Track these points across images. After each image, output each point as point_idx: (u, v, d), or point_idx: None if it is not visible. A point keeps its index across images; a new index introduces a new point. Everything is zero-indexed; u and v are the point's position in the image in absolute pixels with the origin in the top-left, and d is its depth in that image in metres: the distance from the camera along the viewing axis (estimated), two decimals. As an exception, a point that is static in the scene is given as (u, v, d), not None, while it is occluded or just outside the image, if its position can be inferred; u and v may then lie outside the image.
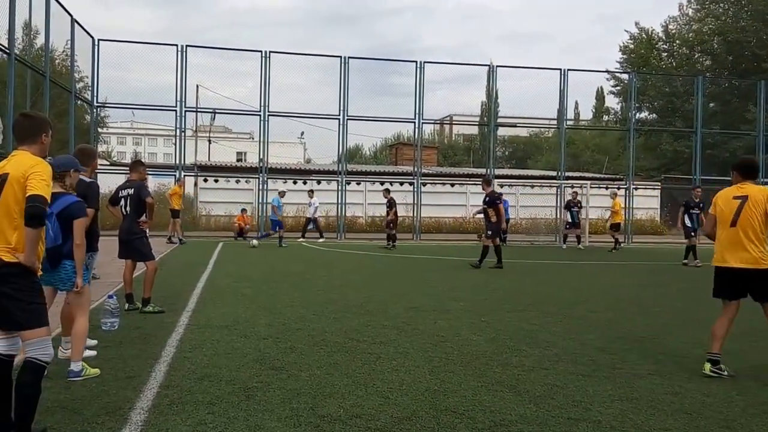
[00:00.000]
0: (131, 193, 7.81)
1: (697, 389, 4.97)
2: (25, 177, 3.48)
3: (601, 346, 6.43)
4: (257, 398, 4.43)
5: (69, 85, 19.48)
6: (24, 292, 3.48)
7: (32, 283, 3.55)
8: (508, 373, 5.28)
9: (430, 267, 14.40)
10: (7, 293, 3.44)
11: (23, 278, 3.48)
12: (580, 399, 4.63)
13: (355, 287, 10.39)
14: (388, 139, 56.20)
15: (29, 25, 16.16)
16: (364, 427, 3.94)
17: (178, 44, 22.64)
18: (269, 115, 23.33)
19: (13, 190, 3.48)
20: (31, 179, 3.47)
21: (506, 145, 59.67)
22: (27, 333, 3.50)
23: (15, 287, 3.45)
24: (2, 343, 3.60)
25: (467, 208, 30.49)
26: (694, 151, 26.58)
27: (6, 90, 13.68)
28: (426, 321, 7.54)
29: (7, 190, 3.50)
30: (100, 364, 5.11)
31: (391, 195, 20.42)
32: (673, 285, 11.99)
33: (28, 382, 3.47)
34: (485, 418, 4.18)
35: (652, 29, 41.87)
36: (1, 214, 3.50)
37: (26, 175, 3.49)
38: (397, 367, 5.37)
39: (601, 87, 44.54)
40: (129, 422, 3.89)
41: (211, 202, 28.12)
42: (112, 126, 46.99)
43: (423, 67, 24.27)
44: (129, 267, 8.09)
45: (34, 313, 3.52)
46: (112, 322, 6.57)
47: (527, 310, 8.53)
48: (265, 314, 7.70)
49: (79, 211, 4.81)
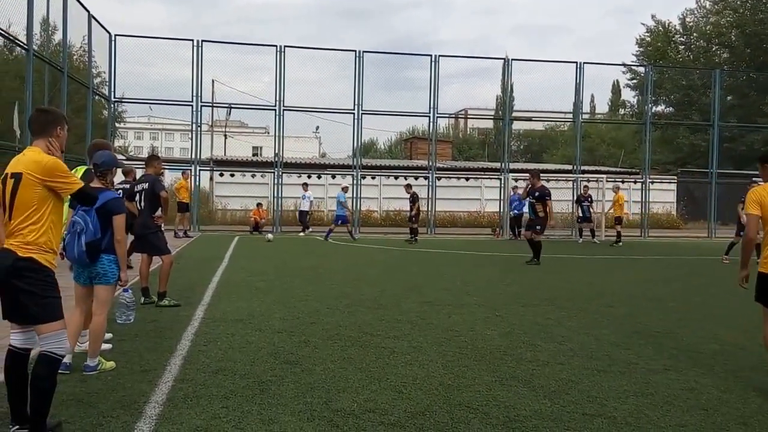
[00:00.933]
0: (146, 188, 7.86)
1: (713, 385, 4.92)
2: (43, 180, 3.55)
3: (617, 341, 6.38)
4: (271, 392, 4.44)
5: (86, 81, 19.63)
6: (38, 286, 3.51)
7: (46, 277, 3.57)
8: (522, 368, 5.25)
9: (445, 261, 14.36)
10: (21, 288, 3.47)
11: (37, 273, 3.51)
12: (595, 394, 4.60)
13: (369, 281, 10.39)
14: (403, 133, 56.15)
15: (47, 21, 16.29)
16: (377, 421, 3.94)
17: (193, 39, 22.76)
18: (284, 110, 23.36)
19: (28, 188, 3.53)
20: (58, 181, 3.60)
21: (521, 139, 59.34)
22: (42, 327, 3.53)
23: (29, 281, 3.49)
24: (18, 336, 3.64)
25: (482, 202, 30.43)
26: (711, 144, 26.32)
27: (24, 85, 13.83)
28: (440, 315, 7.53)
29: (21, 189, 3.54)
30: (116, 357, 5.16)
31: (413, 189, 20.67)
32: (690, 279, 11.87)
33: (43, 375, 3.49)
34: (499, 413, 4.16)
35: (669, 22, 41.49)
36: (17, 211, 3.54)
37: (45, 179, 3.55)
38: (410, 362, 5.37)
39: (617, 80, 44.07)
40: (144, 416, 3.91)
41: (226, 196, 28.27)
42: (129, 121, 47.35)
43: (438, 60, 24.18)
44: (145, 261, 8.16)
45: (48, 307, 3.54)
46: (128, 316, 6.57)
47: (542, 304, 8.49)
48: (280, 308, 7.72)
49: (119, 207, 4.91)
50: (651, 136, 26.75)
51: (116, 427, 3.73)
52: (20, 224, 3.54)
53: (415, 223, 20.26)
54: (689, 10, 41.63)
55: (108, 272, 4.88)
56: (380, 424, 3.90)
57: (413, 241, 19.78)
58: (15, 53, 19.74)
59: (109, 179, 5.05)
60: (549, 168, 35.25)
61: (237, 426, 3.78)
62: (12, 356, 3.64)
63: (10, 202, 3.56)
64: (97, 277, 4.89)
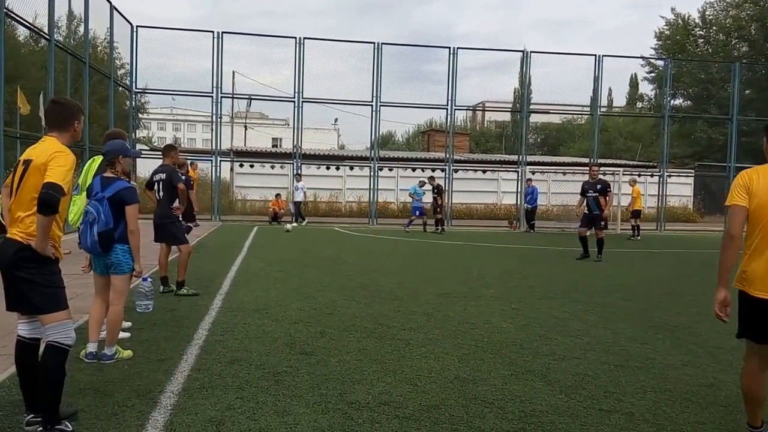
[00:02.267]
0: (163, 178, 7.91)
1: (732, 381, 4.83)
2: (45, 165, 3.45)
3: (634, 335, 6.30)
4: (286, 383, 4.45)
5: (109, 72, 19.80)
6: (42, 275, 3.48)
7: (50, 267, 3.54)
8: (538, 362, 5.21)
9: (461, 253, 14.30)
10: (24, 277, 3.45)
11: (40, 262, 3.48)
12: (612, 390, 4.54)
13: (385, 273, 10.38)
14: (421, 125, 56.04)
15: (71, 13, 16.45)
16: (392, 414, 3.93)
17: (214, 31, 22.86)
18: (303, 102, 23.41)
19: (34, 176, 3.47)
20: (50, 166, 3.43)
21: (538, 131, 58.95)
22: (46, 317, 3.50)
23: (32, 271, 3.46)
24: (25, 327, 3.64)
25: (498, 194, 30.29)
26: (729, 138, 26.07)
27: (47, 76, 14.01)
28: (456, 307, 7.50)
29: (27, 176, 3.50)
30: (134, 346, 5.20)
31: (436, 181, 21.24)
32: (706, 274, 11.66)
33: (51, 365, 3.47)
34: (515, 407, 4.12)
35: (689, 15, 40.98)
36: (21, 199, 3.51)
37: (46, 163, 3.45)
38: (426, 354, 5.35)
39: (634, 74, 43.73)
40: (159, 405, 3.94)
41: (246, 186, 28.42)
42: (152, 112, 47.77)
43: (456, 53, 24.05)
44: (164, 250, 8.22)
45: (51, 297, 3.51)
46: (147, 305, 6.68)
47: (558, 297, 8.42)
48: (297, 298, 7.75)
49: (131, 197, 4.88)
50: (669, 130, 26.44)
51: (131, 416, 3.75)
52: (23, 213, 3.49)
53: (440, 213, 20.94)
54: (709, 3, 41.16)
55: (122, 262, 4.89)
56: (395, 417, 3.89)
57: (440, 231, 20.46)
58: (41, 44, 20.00)
59: (119, 168, 4.97)
60: (566, 161, 34.97)
61: (251, 417, 3.79)
62: (20, 346, 3.65)
63: (17, 188, 3.52)
64: (112, 266, 4.91)
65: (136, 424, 3.62)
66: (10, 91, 13.41)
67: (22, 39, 25.43)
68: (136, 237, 4.92)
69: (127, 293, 5.14)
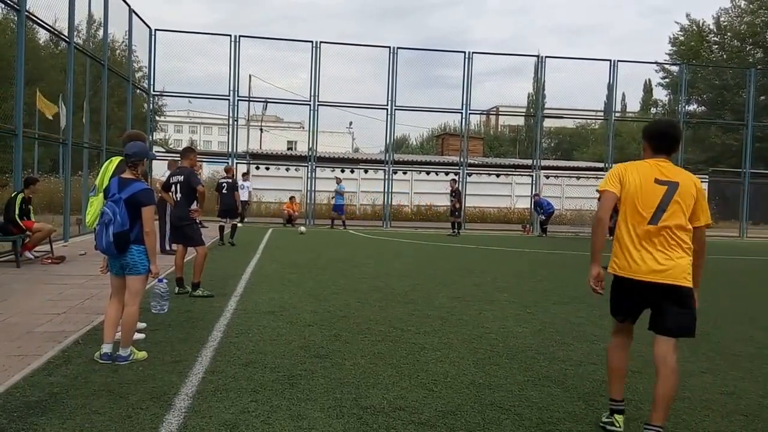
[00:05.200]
0: (181, 180, 7.94)
1: (753, 390, 4.74)
2: None
3: (651, 341, 6.18)
4: (301, 386, 4.42)
5: (127, 74, 19.97)
6: None
7: None
8: (555, 368, 5.15)
9: (475, 256, 14.22)
10: None
11: None
12: (630, 397, 4.45)
13: (399, 275, 10.34)
14: (435, 129, 56.00)
15: (91, 16, 16.62)
16: (407, 420, 3.88)
17: (231, 34, 23.01)
18: (319, 105, 23.48)
19: None
20: None
21: (552, 136, 58.79)
22: None
23: None
24: None
25: (512, 198, 30.20)
26: (744, 143, 25.95)
27: (66, 78, 14.14)
28: (470, 311, 7.44)
29: None
30: (149, 347, 5.20)
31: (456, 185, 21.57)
32: (721, 279, 11.53)
33: None
34: (532, 414, 4.06)
35: (704, 21, 40.87)
36: None
37: None
38: (441, 359, 5.30)
39: (648, 79, 43.59)
40: (173, 408, 3.92)
41: (261, 189, 28.54)
42: (169, 114, 48.09)
43: (471, 57, 24.04)
44: (180, 252, 8.24)
45: None
46: (162, 306, 6.70)
47: (573, 302, 8.33)
48: (311, 301, 7.73)
49: (148, 199, 4.91)
50: (684, 135, 26.23)
51: (145, 419, 3.74)
52: None
53: (458, 217, 21.22)
54: (723, 9, 41.03)
55: (138, 263, 4.90)
56: (410, 422, 3.84)
57: (456, 234, 20.64)
58: (60, 47, 20.19)
59: (140, 170, 5.05)
60: (579, 165, 34.78)
61: (265, 421, 3.77)
62: None
63: None
64: (128, 267, 4.91)
65: (150, 427, 3.61)
66: (29, 93, 13.54)
67: (42, 42, 25.79)
68: (152, 238, 4.94)
69: (142, 294, 5.14)
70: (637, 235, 3.75)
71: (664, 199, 3.73)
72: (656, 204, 3.73)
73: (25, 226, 10.39)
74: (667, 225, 3.70)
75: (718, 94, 37.22)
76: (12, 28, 19.32)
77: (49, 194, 18.70)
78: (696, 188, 3.80)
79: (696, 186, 3.81)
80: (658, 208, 3.72)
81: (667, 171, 3.81)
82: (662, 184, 3.76)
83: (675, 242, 3.71)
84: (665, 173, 3.80)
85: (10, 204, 10.43)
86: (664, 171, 3.81)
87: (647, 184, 3.78)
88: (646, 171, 3.84)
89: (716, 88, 37.30)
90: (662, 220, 3.70)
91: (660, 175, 3.79)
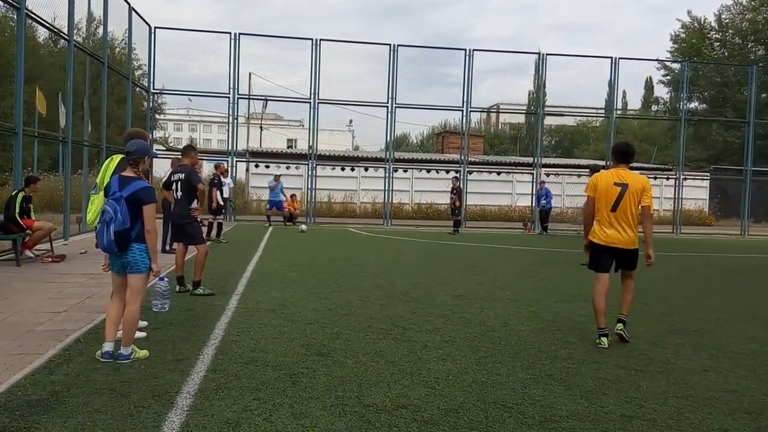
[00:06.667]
0: (182, 178, 7.92)
1: (756, 388, 4.73)
2: None
3: (653, 339, 6.21)
4: (303, 384, 4.41)
5: (127, 72, 19.95)
6: None
7: None
8: (557, 366, 5.13)
9: (476, 254, 14.21)
10: None
11: None
12: (633, 395, 4.46)
13: (401, 273, 10.33)
14: (435, 127, 55.99)
15: (91, 14, 16.58)
16: (410, 418, 3.87)
17: (231, 32, 22.95)
18: (319, 103, 23.43)
19: None
20: None
21: (553, 134, 58.78)
22: None
23: None
24: None
25: (513, 196, 30.19)
26: (746, 141, 25.85)
27: (66, 76, 14.11)
28: (472, 309, 7.43)
29: None
30: (150, 345, 5.18)
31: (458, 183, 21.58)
32: (724, 277, 11.54)
33: None
34: (535, 412, 4.05)
35: (705, 18, 40.86)
36: None
37: None
38: (443, 357, 5.29)
39: (650, 77, 43.63)
40: (175, 406, 3.90)
41: (262, 187, 28.50)
42: (169, 113, 48.08)
43: (472, 55, 23.97)
44: (181, 250, 8.23)
45: None
46: (163, 304, 6.68)
47: (575, 300, 8.32)
48: (313, 299, 7.72)
49: (149, 197, 4.89)
50: (685, 133, 26.23)
51: (147, 417, 3.72)
52: None
53: (458, 215, 21.14)
54: (725, 7, 41.04)
55: (139, 261, 4.88)
56: (413, 420, 3.83)
57: (455, 233, 20.57)
58: (60, 45, 20.16)
59: (141, 168, 5.03)
60: (580, 163, 34.76)
61: (268, 420, 3.75)
62: None
63: None
64: (129, 266, 4.90)
65: (152, 426, 3.60)
66: (29, 91, 13.52)
67: (42, 40, 25.75)
68: (154, 237, 4.92)
69: (143, 293, 5.13)
70: (606, 218, 5.91)
71: (620, 195, 5.85)
72: (614, 198, 5.86)
73: (25, 224, 10.39)
74: (623, 211, 5.86)
75: (719, 91, 37.18)
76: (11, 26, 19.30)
77: (49, 193, 18.68)
78: (642, 185, 5.91)
79: (642, 184, 5.92)
80: (615, 201, 5.86)
81: (623, 176, 5.94)
82: (618, 186, 5.88)
83: (627, 223, 5.88)
84: (621, 178, 5.93)
85: (10, 202, 10.43)
86: (621, 176, 5.94)
87: (609, 186, 5.92)
88: (609, 177, 5.99)
89: (718, 86, 37.27)
90: (619, 209, 5.86)
91: (618, 179, 5.92)
